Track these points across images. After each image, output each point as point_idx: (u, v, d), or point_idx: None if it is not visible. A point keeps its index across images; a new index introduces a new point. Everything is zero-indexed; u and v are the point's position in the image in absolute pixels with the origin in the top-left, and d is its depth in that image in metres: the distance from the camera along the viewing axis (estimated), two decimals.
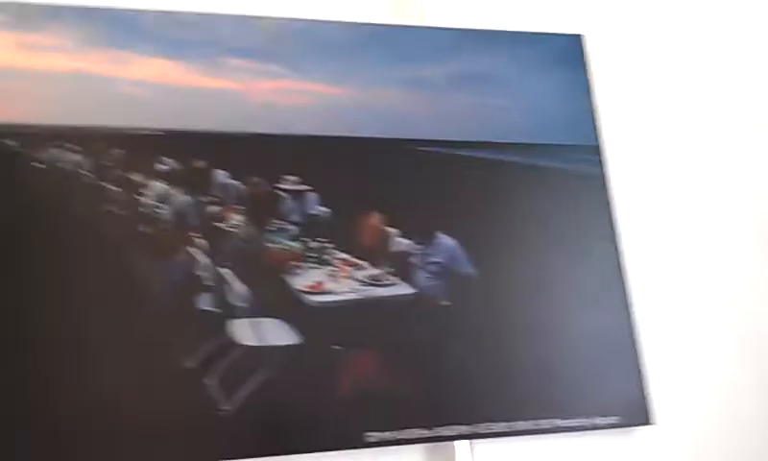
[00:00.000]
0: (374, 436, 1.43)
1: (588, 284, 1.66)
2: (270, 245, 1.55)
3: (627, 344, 1.63)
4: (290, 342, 1.46)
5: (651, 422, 1.59)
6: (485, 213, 1.67)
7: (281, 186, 1.58)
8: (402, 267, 1.59)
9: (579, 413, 1.55)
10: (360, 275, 1.57)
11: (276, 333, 1.46)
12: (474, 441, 1.50)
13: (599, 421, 1.56)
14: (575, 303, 1.64)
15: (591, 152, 1.77)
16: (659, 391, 1.62)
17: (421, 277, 1.59)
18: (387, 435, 1.43)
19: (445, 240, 1.61)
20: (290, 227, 1.57)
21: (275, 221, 1.57)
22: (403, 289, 1.57)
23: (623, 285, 1.67)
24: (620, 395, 1.59)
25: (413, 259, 1.60)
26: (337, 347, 1.47)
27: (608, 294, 1.66)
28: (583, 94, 1.82)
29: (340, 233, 1.59)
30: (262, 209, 1.56)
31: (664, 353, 1.68)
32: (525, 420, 1.51)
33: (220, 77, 1.60)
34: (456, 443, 1.49)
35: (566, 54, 1.84)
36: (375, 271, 1.58)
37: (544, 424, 1.53)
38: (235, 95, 1.60)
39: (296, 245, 1.57)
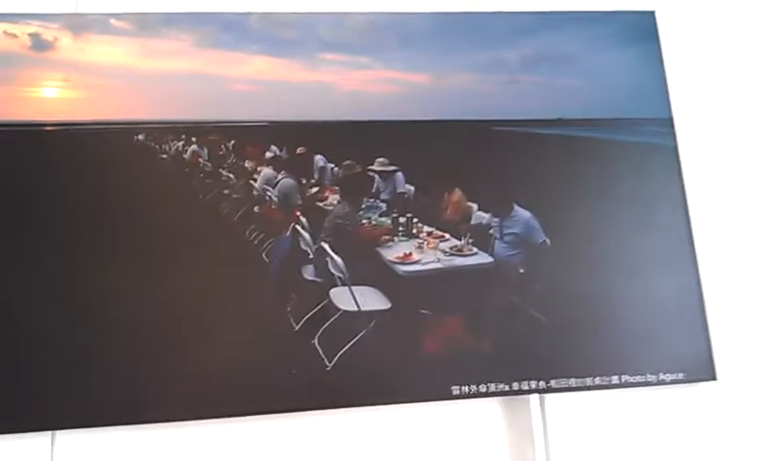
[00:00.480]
0: (458, 390, 1.62)
1: (657, 249, 1.77)
2: (363, 221, 1.75)
3: (693, 304, 1.74)
4: (383, 307, 1.66)
5: (715, 378, 1.70)
6: (559, 186, 1.79)
7: (372, 168, 1.77)
8: (482, 238, 1.76)
9: (646, 369, 1.68)
10: (444, 246, 1.76)
11: (370, 299, 1.66)
12: (544, 395, 1.66)
13: (666, 376, 1.68)
14: (645, 267, 1.75)
15: (663, 124, 1.86)
16: (723, 349, 1.73)
17: (499, 247, 1.75)
18: (469, 389, 1.62)
19: (521, 212, 1.76)
20: (381, 204, 1.77)
21: (367, 199, 1.77)
22: (483, 258, 1.74)
23: (691, 249, 1.77)
24: (686, 352, 1.70)
25: (492, 231, 1.76)
26: (424, 311, 1.66)
27: (676, 257, 1.77)
28: (655, 69, 1.89)
29: (425, 209, 1.77)
30: (356, 189, 1.76)
31: (729, 313, 1.78)
32: (595, 376, 1.66)
33: (317, 70, 1.78)
34: (531, 396, 1.66)
35: (639, 30, 1.92)
36: (458, 242, 1.76)
37: (614, 379, 1.67)
38: (330, 86, 1.79)
39: (386, 220, 1.77)
